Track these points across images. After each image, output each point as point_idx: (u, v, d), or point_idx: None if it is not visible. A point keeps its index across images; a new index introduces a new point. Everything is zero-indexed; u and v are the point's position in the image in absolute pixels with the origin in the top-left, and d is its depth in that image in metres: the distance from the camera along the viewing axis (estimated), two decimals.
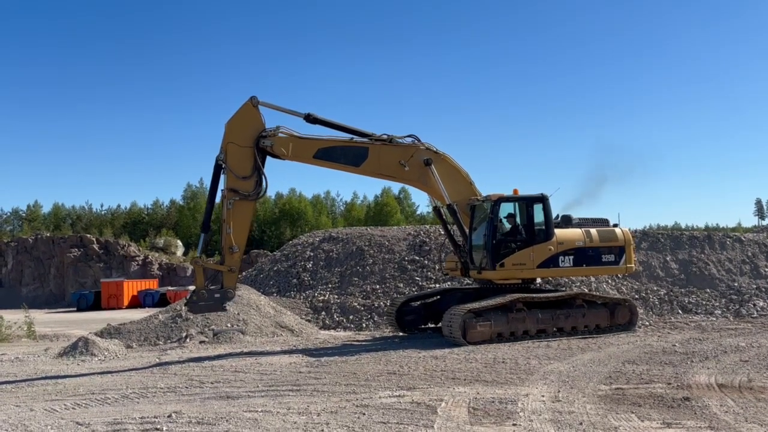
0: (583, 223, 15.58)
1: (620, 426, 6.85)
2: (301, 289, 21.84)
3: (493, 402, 8.06)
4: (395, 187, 67.36)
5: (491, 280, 14.72)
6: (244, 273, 29.30)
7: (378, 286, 20.39)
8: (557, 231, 14.79)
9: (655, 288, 20.04)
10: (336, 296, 20.43)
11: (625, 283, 20.06)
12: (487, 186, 15.24)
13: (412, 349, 13.05)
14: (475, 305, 13.60)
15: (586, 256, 14.87)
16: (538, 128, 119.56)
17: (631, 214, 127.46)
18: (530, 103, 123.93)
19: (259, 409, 7.94)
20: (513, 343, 13.47)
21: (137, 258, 54.76)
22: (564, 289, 17.79)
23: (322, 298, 20.53)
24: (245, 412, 7.83)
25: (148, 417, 7.68)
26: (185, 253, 61.63)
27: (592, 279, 19.46)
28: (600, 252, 15.06)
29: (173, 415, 7.69)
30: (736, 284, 20.48)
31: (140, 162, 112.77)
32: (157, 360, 13.10)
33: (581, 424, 6.94)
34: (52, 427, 7.40)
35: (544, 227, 14.64)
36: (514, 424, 6.98)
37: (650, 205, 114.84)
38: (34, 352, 15.33)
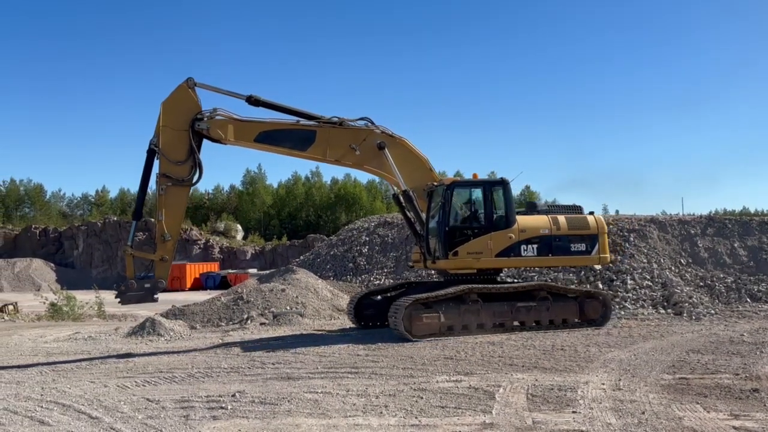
0: (552, 210, 14.61)
1: (685, 416, 6.69)
2: (357, 273, 22.11)
3: (552, 389, 8.00)
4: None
5: (445, 270, 13.83)
6: (301, 257, 29.80)
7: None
8: (519, 218, 13.86)
9: (722, 275, 19.32)
10: (392, 281, 20.57)
11: (689, 270, 19.42)
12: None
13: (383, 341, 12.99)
14: (421, 296, 12.82)
15: (551, 245, 13.83)
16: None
17: (695, 198, 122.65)
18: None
19: (319, 391, 8.13)
20: (474, 336, 12.74)
21: (199, 241, 56.49)
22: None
23: (377, 282, 20.72)
24: (306, 393, 8.03)
25: (213, 396, 7.99)
26: (245, 237, 63.20)
27: (655, 266, 18.92)
28: (569, 241, 13.97)
29: (237, 394, 7.97)
30: None
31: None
32: (220, 341, 13.54)
33: (643, 413, 6.81)
34: (124, 402, 7.78)
35: (504, 213, 13.70)
36: (573, 412, 6.92)
37: (716, 189, 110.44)
38: (105, 331, 16.08)
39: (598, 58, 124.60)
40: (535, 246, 13.73)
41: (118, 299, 12.37)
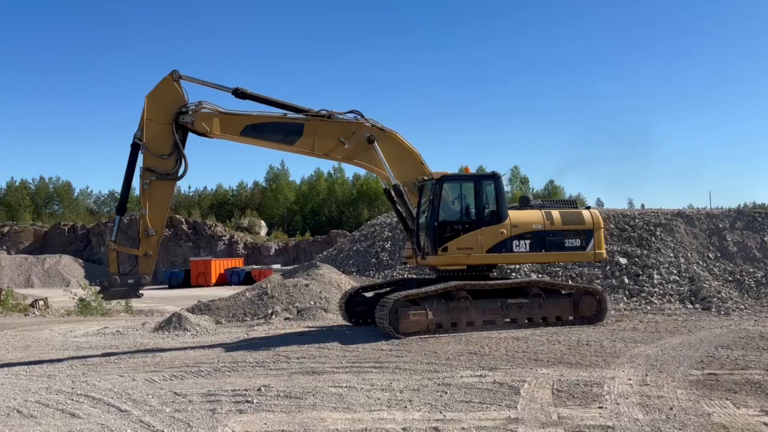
0: (546, 204, 14.26)
1: (714, 413, 6.59)
2: (379, 268, 22.14)
3: (577, 384, 7.94)
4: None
5: (435, 266, 13.50)
6: (324, 252, 29.92)
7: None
8: (512, 213, 13.46)
9: (752, 270, 18.95)
10: (414, 276, 20.55)
11: (717, 264, 19.09)
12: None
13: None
14: (409, 292, 12.49)
15: (545, 240, 13.38)
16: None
17: (724, 191, 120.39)
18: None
19: (344, 385, 8.17)
20: (470, 333, 12.43)
21: (223, 237, 57.02)
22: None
23: (400, 277, 20.71)
24: (330, 387, 8.07)
25: (239, 390, 8.07)
26: (269, 233, 63.67)
27: (682, 260, 18.64)
28: (563, 236, 13.51)
29: (262, 388, 8.04)
30: None
31: (225, 146, 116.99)
32: (246, 335, 13.67)
33: (671, 409, 6.72)
34: (153, 396, 7.90)
35: (495, 208, 13.33)
36: (600, 407, 6.85)
37: (746, 181, 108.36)
38: (132, 326, 16.33)
39: (618, 52, 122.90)
40: (527, 241, 13.31)
41: (101, 295, 12.07)
